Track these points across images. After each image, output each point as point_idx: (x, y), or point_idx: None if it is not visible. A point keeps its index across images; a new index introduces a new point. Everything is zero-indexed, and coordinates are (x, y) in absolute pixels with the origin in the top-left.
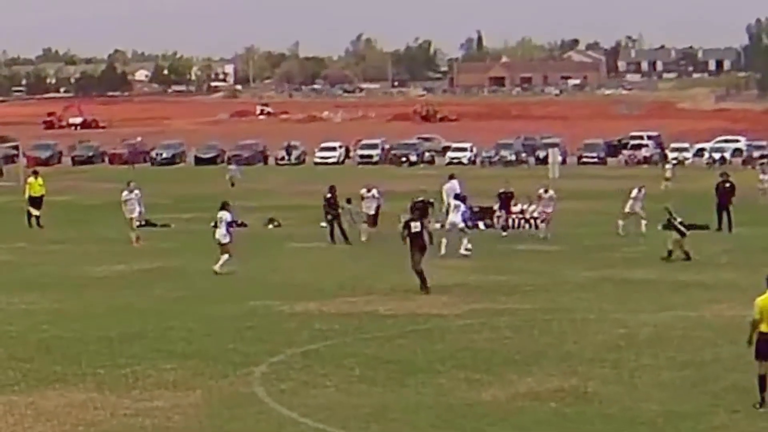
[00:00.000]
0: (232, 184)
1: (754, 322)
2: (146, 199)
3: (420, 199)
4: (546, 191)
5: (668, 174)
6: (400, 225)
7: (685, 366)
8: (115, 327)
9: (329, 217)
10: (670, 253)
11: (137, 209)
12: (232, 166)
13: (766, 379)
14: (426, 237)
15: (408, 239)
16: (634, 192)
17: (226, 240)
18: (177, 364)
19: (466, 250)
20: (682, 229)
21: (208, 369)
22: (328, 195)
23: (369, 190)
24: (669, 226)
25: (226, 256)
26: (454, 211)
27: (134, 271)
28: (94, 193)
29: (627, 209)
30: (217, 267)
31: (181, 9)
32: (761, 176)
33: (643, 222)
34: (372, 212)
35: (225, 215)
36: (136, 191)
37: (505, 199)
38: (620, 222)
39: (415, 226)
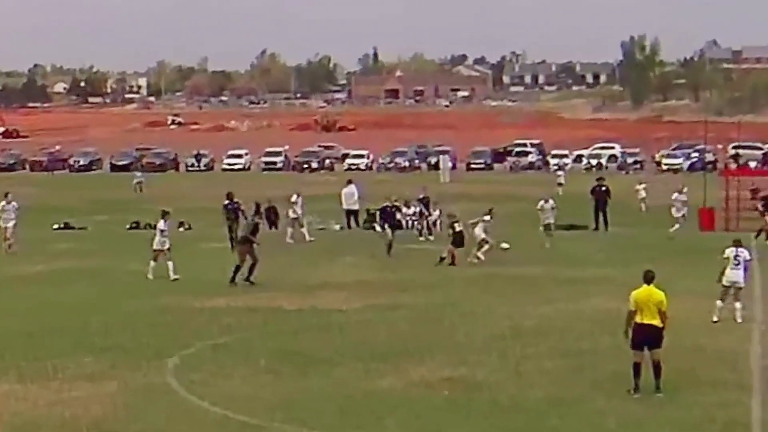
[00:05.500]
0: (140, 190)
1: (630, 314)
2: (65, 203)
3: (388, 204)
4: (546, 201)
5: (561, 180)
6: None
7: (566, 355)
8: (36, 322)
9: (228, 222)
10: (441, 259)
11: (13, 220)
12: (138, 173)
13: (641, 367)
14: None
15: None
16: (675, 195)
17: (156, 246)
18: (94, 356)
19: (477, 258)
20: (460, 240)
21: (123, 361)
22: (226, 201)
23: (299, 196)
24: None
25: (170, 263)
26: (479, 225)
27: (53, 271)
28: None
29: (675, 213)
30: (171, 274)
31: (97, 26)
32: (637, 186)
33: (676, 225)
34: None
35: (160, 223)
36: (14, 203)
37: (425, 204)
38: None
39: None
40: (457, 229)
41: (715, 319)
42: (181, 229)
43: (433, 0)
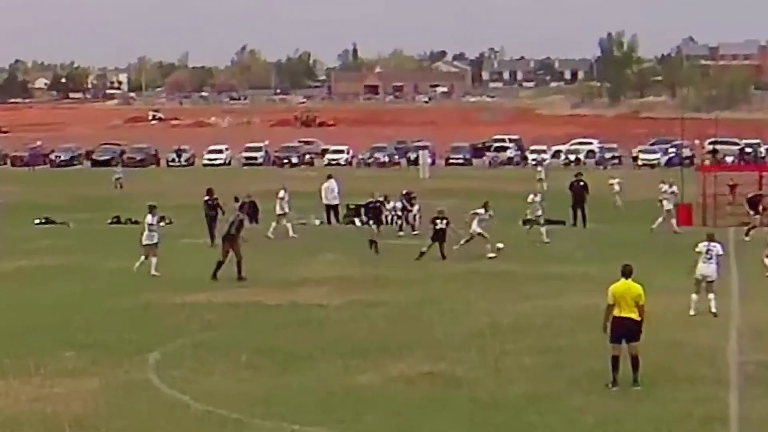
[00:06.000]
0: (120, 186)
1: (609, 308)
2: (46, 199)
3: (371, 200)
4: (536, 195)
5: (541, 175)
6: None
7: (544, 351)
8: (18, 320)
9: (208, 218)
10: (422, 253)
11: None
12: (118, 169)
13: (619, 360)
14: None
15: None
16: (664, 187)
17: (146, 242)
18: (76, 353)
19: (492, 253)
20: (441, 236)
21: (105, 357)
22: (206, 197)
23: (286, 191)
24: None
25: (154, 259)
26: (475, 220)
27: (35, 267)
28: None
29: (666, 206)
30: (152, 270)
31: (78, 22)
32: (611, 180)
33: (660, 219)
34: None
35: (147, 218)
36: None
37: (409, 199)
38: (660, 220)
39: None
40: (438, 226)
41: (692, 312)
42: (162, 224)
43: None
